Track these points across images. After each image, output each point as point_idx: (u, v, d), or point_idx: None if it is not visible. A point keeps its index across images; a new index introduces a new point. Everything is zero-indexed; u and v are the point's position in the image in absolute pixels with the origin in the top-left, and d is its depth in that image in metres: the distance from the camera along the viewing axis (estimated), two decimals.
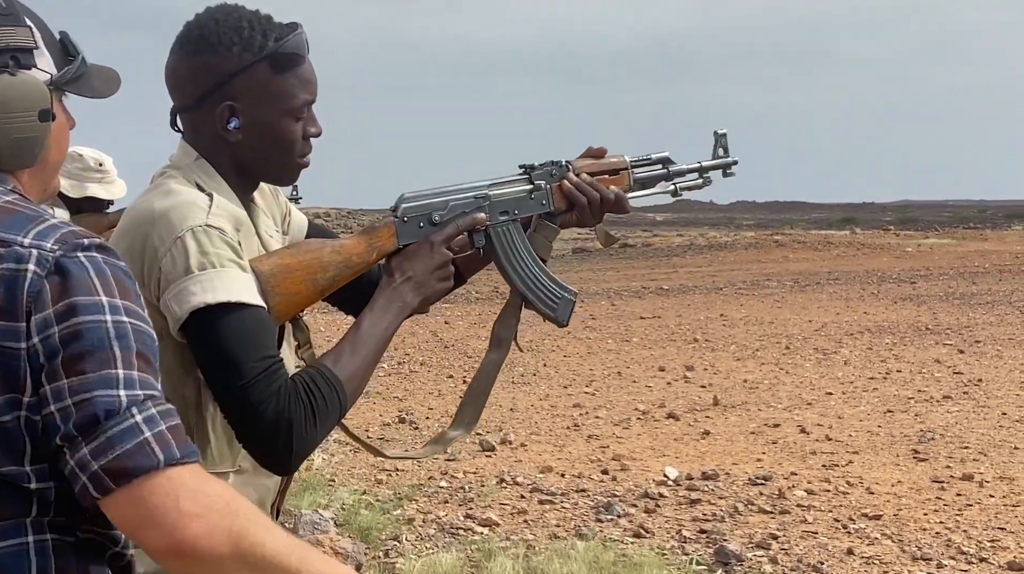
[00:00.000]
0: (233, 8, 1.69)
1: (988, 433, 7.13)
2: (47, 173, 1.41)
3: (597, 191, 1.91)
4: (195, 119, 1.69)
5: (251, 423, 1.54)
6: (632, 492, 5.84)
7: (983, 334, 11.68)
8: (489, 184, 1.87)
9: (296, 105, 1.69)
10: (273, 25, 1.68)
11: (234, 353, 1.53)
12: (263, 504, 1.74)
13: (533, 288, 1.89)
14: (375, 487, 5.92)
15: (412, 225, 1.79)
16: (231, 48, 1.64)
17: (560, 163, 1.92)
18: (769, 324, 12.83)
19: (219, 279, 1.55)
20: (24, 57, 1.34)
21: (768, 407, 8.09)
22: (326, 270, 1.72)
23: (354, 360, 1.66)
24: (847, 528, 5.23)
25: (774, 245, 26.23)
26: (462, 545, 4.91)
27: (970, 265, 21.13)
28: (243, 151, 1.69)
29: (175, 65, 1.69)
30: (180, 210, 1.58)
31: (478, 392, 1.93)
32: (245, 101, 1.66)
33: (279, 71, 1.67)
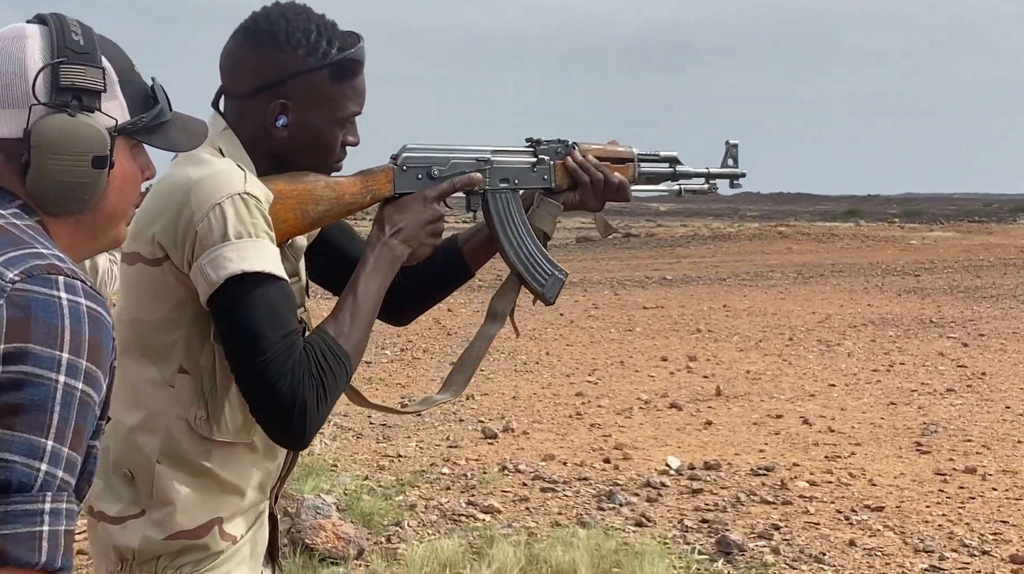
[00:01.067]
0: (303, 9, 1.71)
1: (991, 426, 7.12)
2: (100, 222, 1.32)
3: (602, 173, 1.91)
4: (244, 106, 1.70)
5: (266, 399, 1.56)
6: (634, 481, 5.83)
7: (987, 327, 11.66)
8: (493, 150, 1.87)
9: (345, 115, 1.72)
10: (338, 33, 1.70)
11: (259, 327, 1.54)
12: (263, 488, 1.75)
13: (524, 261, 1.89)
14: (377, 473, 5.92)
15: (410, 175, 1.79)
16: (297, 49, 1.66)
17: (567, 142, 1.92)
18: (772, 315, 12.82)
19: (255, 248, 1.56)
20: (88, 99, 1.27)
21: (771, 398, 8.08)
22: (318, 203, 1.71)
23: (356, 326, 1.67)
24: (849, 519, 5.22)
25: (778, 236, 26.19)
26: (464, 532, 4.91)
27: (975, 258, 21.10)
28: (284, 147, 1.70)
29: (237, 52, 1.70)
30: (217, 178, 1.59)
31: (468, 361, 1.94)
32: (298, 102, 1.68)
33: (336, 80, 1.69)
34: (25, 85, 1.25)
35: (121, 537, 1.64)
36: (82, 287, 1.18)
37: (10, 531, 1.10)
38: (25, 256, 1.18)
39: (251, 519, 1.74)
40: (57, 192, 1.26)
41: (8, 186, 1.26)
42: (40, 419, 1.12)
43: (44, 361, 1.13)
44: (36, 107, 1.25)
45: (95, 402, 1.18)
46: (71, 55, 1.27)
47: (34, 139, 1.24)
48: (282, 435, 1.60)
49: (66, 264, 1.20)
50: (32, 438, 1.11)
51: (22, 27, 1.29)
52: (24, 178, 1.26)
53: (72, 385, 1.14)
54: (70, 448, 1.14)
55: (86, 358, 1.15)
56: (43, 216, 1.28)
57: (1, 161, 1.26)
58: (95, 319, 1.18)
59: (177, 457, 1.64)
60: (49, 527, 1.12)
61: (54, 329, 1.14)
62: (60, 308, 1.15)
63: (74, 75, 1.26)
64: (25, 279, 1.15)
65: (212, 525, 1.66)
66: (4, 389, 1.11)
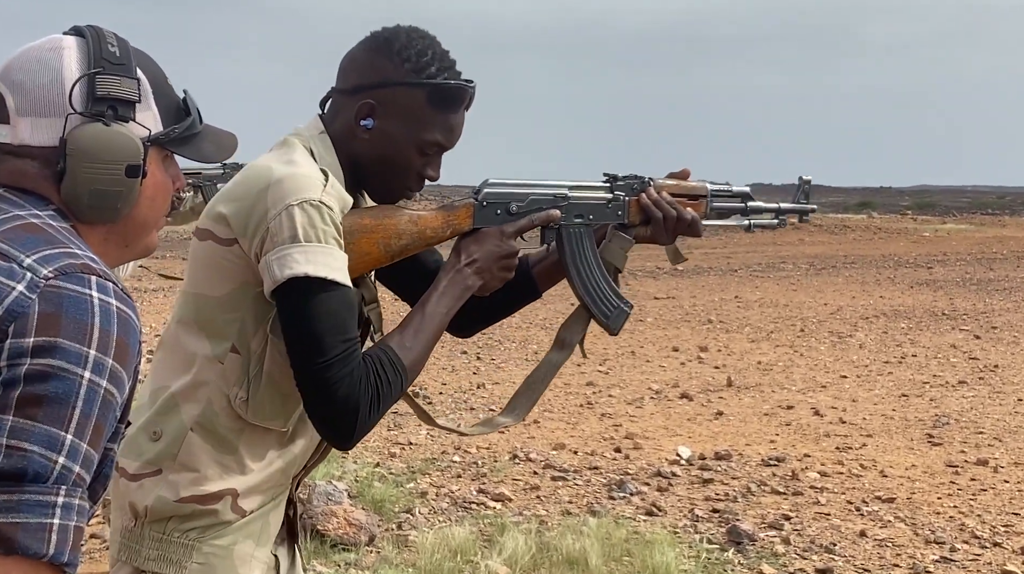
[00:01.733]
0: (429, 35, 1.77)
1: (1003, 419, 7.10)
2: (131, 231, 1.35)
3: (675, 209, 1.95)
4: (342, 102, 1.76)
5: (322, 400, 1.62)
6: (645, 470, 5.84)
7: (1000, 320, 11.62)
8: (571, 186, 1.91)
9: (427, 139, 1.75)
10: (451, 66, 1.76)
11: (320, 330, 1.60)
12: (286, 472, 1.79)
13: (592, 293, 1.93)
14: (389, 460, 5.94)
15: (490, 210, 1.84)
16: (404, 63, 1.73)
17: (643, 178, 1.96)
18: (784, 307, 12.79)
19: (323, 254, 1.61)
20: (123, 109, 1.30)
21: (782, 389, 8.07)
22: (400, 237, 1.77)
23: (418, 342, 1.73)
24: (860, 510, 5.22)
25: (790, 228, 26.10)
26: (475, 519, 4.93)
27: (988, 251, 21.02)
28: (361, 150, 1.75)
29: (355, 53, 1.78)
30: (298, 180, 1.64)
31: (534, 386, 1.99)
32: (387, 109, 1.73)
33: (432, 104, 1.74)
34: (62, 95, 1.28)
35: (136, 494, 1.70)
36: (114, 289, 1.20)
37: (21, 520, 1.10)
38: (60, 254, 1.20)
39: (267, 498, 1.78)
40: (91, 200, 1.28)
41: (43, 192, 1.29)
42: (62, 412, 1.13)
43: (72, 356, 1.14)
44: (72, 116, 1.28)
45: (117, 402, 1.19)
46: (107, 66, 1.29)
47: (70, 147, 1.27)
48: (331, 435, 1.67)
49: (99, 265, 1.22)
50: (52, 430, 1.12)
51: (60, 38, 1.32)
52: (59, 185, 1.28)
53: (97, 382, 1.15)
54: (89, 444, 1.15)
55: (112, 357, 1.17)
56: (76, 222, 1.30)
57: (37, 168, 1.28)
58: (124, 321, 1.19)
59: (211, 429, 1.69)
60: (60, 521, 1.13)
61: (84, 326, 1.16)
62: (91, 306, 1.17)
63: (110, 85, 1.29)
64: (59, 276, 1.17)
65: (224, 495, 1.71)
66: (30, 380, 1.12)
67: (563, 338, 1.99)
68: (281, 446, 1.75)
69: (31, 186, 1.28)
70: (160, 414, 1.71)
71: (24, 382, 1.12)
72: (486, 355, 9.35)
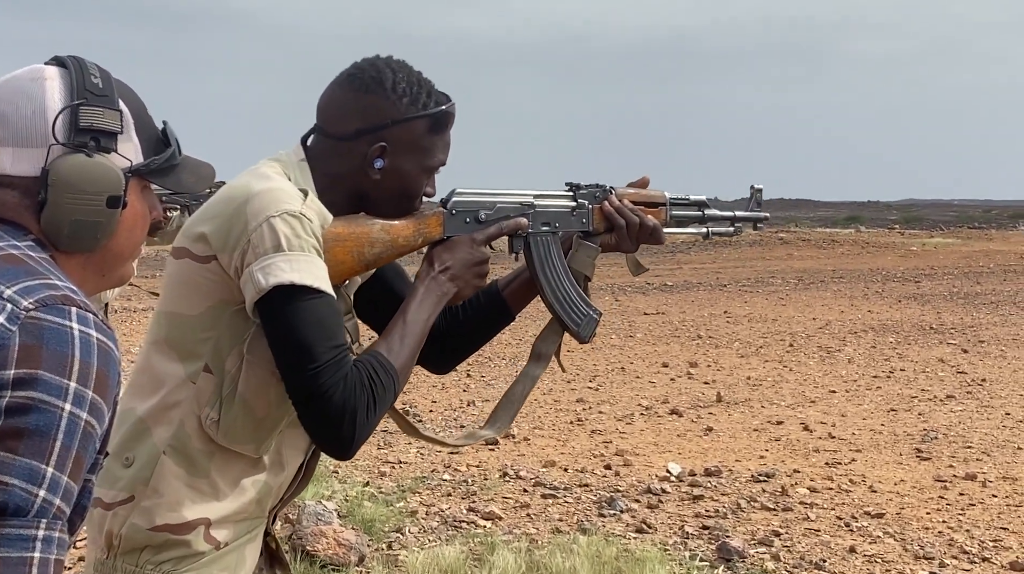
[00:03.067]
0: (405, 64, 1.81)
1: (991, 433, 7.13)
2: (109, 260, 1.36)
3: (637, 217, 1.98)
4: (342, 147, 1.78)
5: (317, 407, 1.62)
6: (635, 487, 5.84)
7: (987, 334, 11.67)
8: (536, 195, 1.95)
9: (434, 164, 1.82)
10: (435, 90, 1.81)
11: (309, 336, 1.61)
12: (261, 504, 1.78)
13: (561, 301, 1.95)
14: (378, 479, 5.93)
15: (459, 219, 1.88)
16: (402, 98, 1.76)
17: (604, 187, 2.00)
18: (773, 321, 12.83)
19: (307, 263, 1.63)
20: (106, 140, 1.30)
21: (771, 404, 8.09)
22: (373, 245, 1.79)
23: (404, 348, 1.75)
24: (849, 526, 5.23)
25: (779, 243, 26.20)
26: (465, 538, 4.92)
27: (975, 265, 21.11)
28: (372, 188, 1.78)
29: (341, 96, 1.79)
30: (276, 193, 1.66)
31: (512, 400, 2.00)
32: (396, 147, 1.77)
33: (432, 131, 1.79)
34: (45, 125, 1.28)
35: (110, 523, 1.69)
36: (94, 320, 1.21)
37: (3, 554, 1.10)
38: (40, 286, 1.20)
39: (241, 530, 1.76)
40: (71, 230, 1.29)
41: (22, 222, 1.29)
42: (43, 445, 1.13)
43: (52, 388, 1.14)
44: (55, 147, 1.28)
45: (97, 433, 1.19)
46: (90, 97, 1.30)
47: (52, 178, 1.27)
48: (330, 442, 1.66)
49: (79, 296, 1.22)
50: (33, 463, 1.12)
51: (42, 69, 1.33)
52: (38, 215, 1.28)
53: (77, 414, 1.15)
54: (69, 477, 1.15)
55: (93, 389, 1.17)
56: (55, 252, 1.30)
57: (17, 198, 1.29)
58: (104, 352, 1.20)
59: (183, 452, 1.69)
60: (41, 554, 1.12)
61: (64, 358, 1.16)
62: (72, 338, 1.17)
63: (93, 117, 1.30)
64: (39, 308, 1.17)
65: (197, 525, 1.69)
66: (11, 413, 1.12)
67: (539, 350, 2.01)
68: (254, 473, 1.74)
69: (10, 216, 1.29)
70: (131, 439, 1.70)
71: (5, 415, 1.12)
72: (476, 373, 9.35)
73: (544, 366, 2.01)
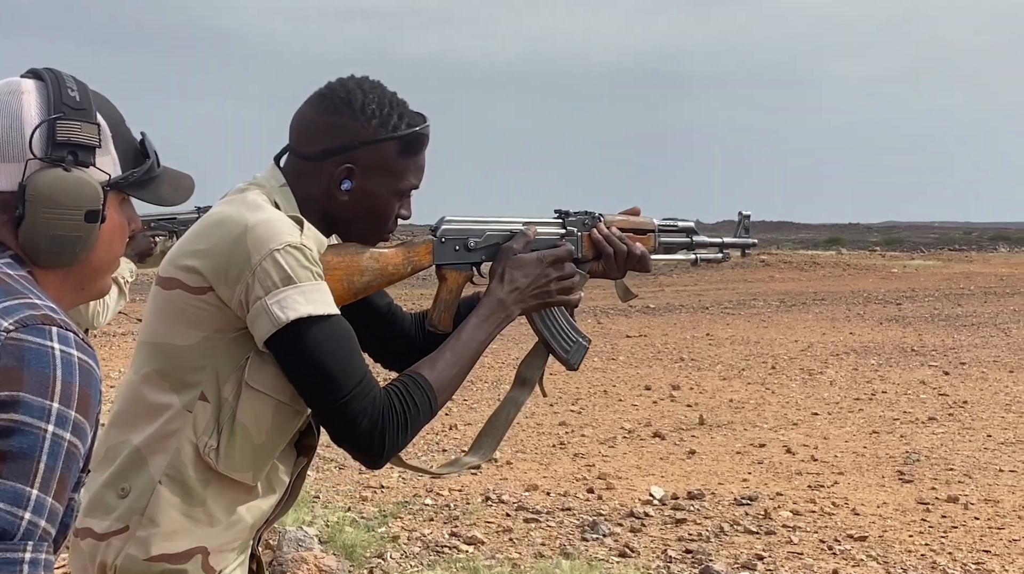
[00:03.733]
0: (378, 84, 1.79)
1: (973, 455, 7.14)
2: (87, 274, 1.34)
3: (625, 245, 1.99)
4: (309, 167, 1.76)
5: (350, 433, 1.66)
6: (618, 511, 5.82)
7: (968, 356, 11.71)
8: (524, 222, 1.95)
9: (404, 187, 1.79)
10: (408, 111, 1.79)
11: (333, 366, 1.63)
12: (252, 528, 1.77)
13: (551, 328, 1.96)
14: (360, 504, 5.89)
15: (448, 246, 1.88)
16: (371, 120, 1.74)
17: (593, 214, 2.00)
18: (755, 344, 12.85)
19: (318, 292, 1.64)
20: (84, 154, 1.29)
21: (754, 427, 8.09)
22: (363, 274, 1.79)
23: (452, 367, 1.77)
24: (832, 549, 5.22)
25: (760, 265, 26.30)
26: (447, 563, 4.89)
27: (955, 287, 21.23)
28: (341, 210, 1.77)
29: (311, 116, 1.77)
30: (275, 225, 1.65)
31: (496, 426, 1.99)
32: (364, 169, 1.75)
33: (403, 153, 1.77)
34: (22, 140, 1.27)
35: (104, 554, 1.66)
36: (75, 339, 1.20)
37: None
38: (20, 306, 1.19)
39: (235, 556, 1.75)
40: (50, 245, 1.28)
41: (0, 238, 1.28)
42: (27, 467, 1.12)
43: (35, 410, 1.13)
44: (32, 161, 1.27)
45: (81, 453, 1.18)
46: (68, 111, 1.29)
47: (29, 193, 1.26)
48: (363, 459, 1.71)
49: (59, 315, 1.21)
50: (18, 486, 1.12)
51: (18, 82, 1.31)
52: (16, 231, 1.27)
53: (60, 435, 1.15)
54: (54, 498, 1.15)
55: (75, 409, 1.16)
56: (33, 267, 1.29)
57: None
58: (86, 371, 1.19)
59: (179, 480, 1.67)
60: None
61: (46, 379, 1.15)
62: (53, 358, 1.16)
63: (70, 131, 1.28)
64: (20, 328, 1.17)
65: (195, 553, 1.67)
66: None
67: (524, 375, 2.01)
68: (248, 500, 1.72)
69: None
70: (126, 469, 1.68)
71: None
72: (458, 396, 9.32)
73: (529, 391, 2.00)
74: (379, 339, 2.00)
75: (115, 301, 3.96)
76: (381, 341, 2.00)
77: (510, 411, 1.99)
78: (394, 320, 2.01)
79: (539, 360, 2.00)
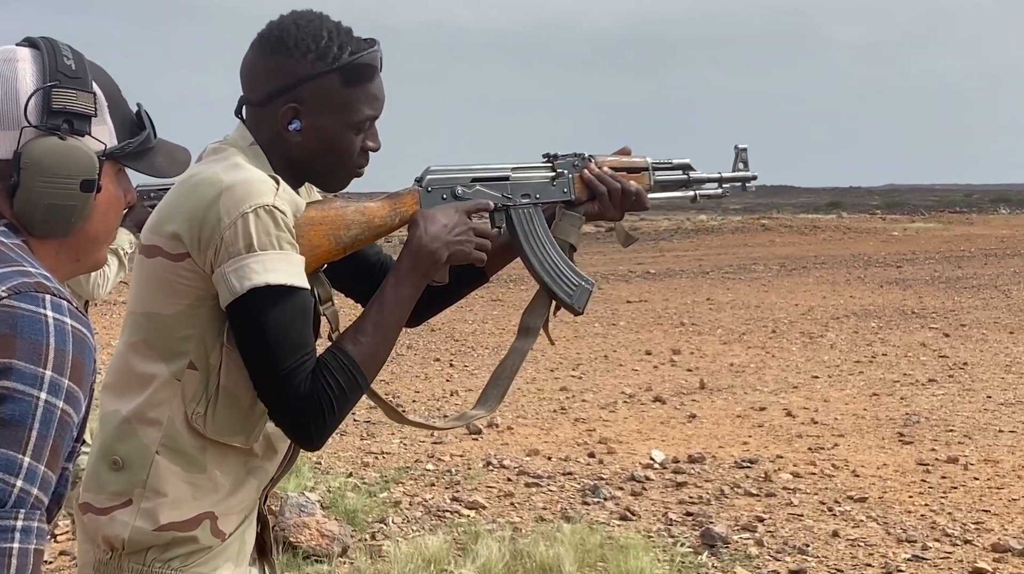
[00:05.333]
0: (316, 16, 1.72)
1: (973, 416, 7.16)
2: (83, 245, 1.33)
3: (619, 183, 1.94)
4: (259, 114, 1.72)
5: (281, 409, 1.63)
6: (619, 475, 5.84)
7: (968, 318, 11.72)
8: (513, 167, 1.91)
9: (358, 119, 1.72)
10: (351, 39, 1.71)
11: (275, 342, 1.59)
12: (258, 489, 1.77)
13: (550, 272, 1.91)
14: (361, 470, 5.91)
15: (435, 196, 1.83)
16: (306, 55, 1.68)
17: (583, 155, 1.95)
18: (755, 308, 12.85)
19: (279, 260, 1.60)
20: (79, 123, 1.28)
21: (754, 391, 8.10)
22: (349, 228, 1.75)
23: (376, 336, 1.70)
24: (832, 511, 5.24)
25: (761, 229, 26.27)
26: (448, 528, 4.91)
27: (956, 249, 21.21)
28: (298, 152, 1.72)
29: (251, 60, 1.72)
30: (249, 186, 1.61)
31: (502, 377, 1.96)
32: (309, 107, 1.69)
33: (348, 84, 1.70)
34: (17, 108, 1.26)
35: (110, 528, 1.65)
36: (68, 307, 1.19)
37: None
38: (12, 273, 1.18)
39: (241, 517, 1.75)
40: (45, 214, 1.27)
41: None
42: (19, 435, 1.12)
43: (27, 377, 1.13)
44: (27, 130, 1.25)
45: (74, 422, 1.18)
46: (63, 79, 1.28)
47: (24, 161, 1.25)
48: (296, 439, 1.68)
49: (52, 283, 1.20)
50: (9, 454, 1.11)
51: (13, 50, 1.30)
52: (11, 199, 1.26)
53: (53, 403, 1.14)
54: (46, 466, 1.14)
55: (68, 377, 1.16)
56: (28, 237, 1.28)
57: None
58: (79, 339, 1.18)
59: (176, 449, 1.66)
60: (20, 545, 1.11)
61: (39, 346, 1.14)
62: (46, 326, 1.16)
63: (66, 99, 1.27)
64: (12, 295, 1.16)
65: (203, 519, 1.67)
66: None
67: (527, 324, 1.96)
68: (250, 462, 1.72)
69: None
70: (116, 441, 1.67)
71: None
72: (459, 362, 9.34)
73: (533, 340, 1.96)
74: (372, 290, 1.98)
75: (115, 273, 3.95)
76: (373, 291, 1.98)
77: (515, 361, 1.95)
78: (385, 271, 1.97)
79: (542, 307, 1.95)
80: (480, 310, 12.66)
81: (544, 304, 1.95)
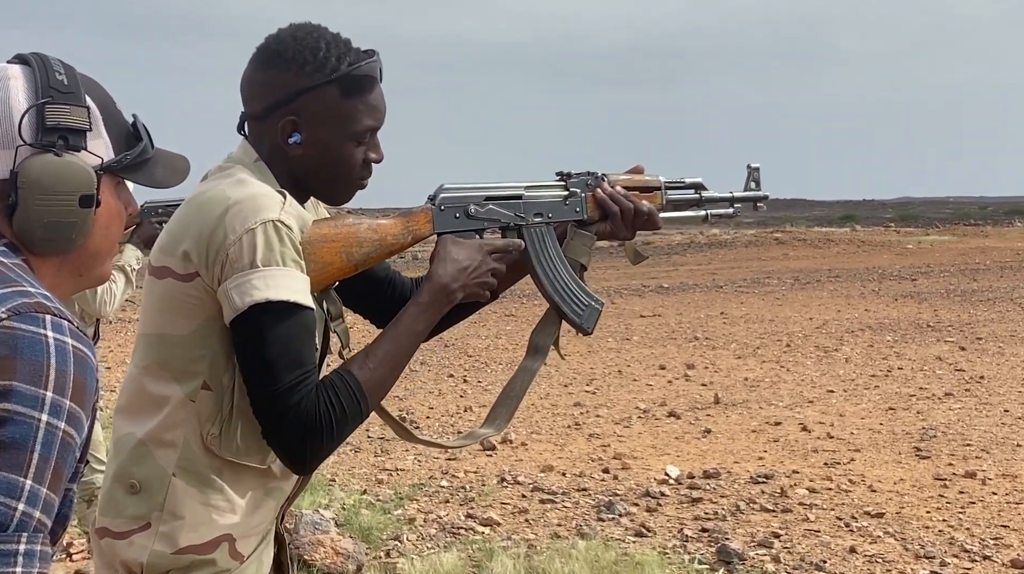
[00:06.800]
0: (314, 28, 1.71)
1: (990, 430, 7.11)
2: (85, 260, 1.33)
3: (631, 203, 1.94)
4: (260, 128, 1.71)
5: (274, 428, 1.60)
6: (633, 491, 5.82)
7: (984, 331, 11.66)
8: (526, 186, 1.90)
9: (359, 130, 1.71)
10: (349, 50, 1.71)
11: (274, 358, 1.57)
12: (275, 509, 1.77)
13: (560, 292, 1.91)
14: (376, 487, 5.90)
15: (448, 214, 1.82)
16: (303, 67, 1.67)
17: (596, 174, 1.95)
18: (770, 322, 12.81)
19: (283, 277, 1.58)
20: (75, 138, 1.27)
21: (769, 405, 8.07)
22: (361, 245, 1.73)
23: (387, 362, 1.68)
24: (849, 526, 5.21)
25: (774, 243, 26.20)
26: (463, 545, 4.89)
27: (971, 262, 21.11)
28: (300, 166, 1.71)
29: (250, 74, 1.72)
30: (255, 201, 1.60)
31: (511, 396, 1.95)
32: (308, 119, 1.69)
33: (347, 95, 1.69)
34: (11, 126, 1.25)
35: (128, 552, 1.64)
36: (68, 327, 1.18)
37: None
38: (12, 294, 1.17)
39: (259, 539, 1.74)
40: (44, 232, 1.26)
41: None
42: (20, 458, 1.11)
43: (28, 399, 1.12)
44: (22, 148, 1.25)
45: (76, 443, 1.17)
46: (56, 95, 1.27)
47: (21, 180, 1.24)
48: (286, 460, 1.64)
49: (53, 303, 1.20)
50: (11, 477, 1.10)
51: (4, 67, 1.29)
52: (10, 219, 1.26)
53: (54, 425, 1.13)
54: (48, 489, 1.13)
55: (70, 398, 1.14)
56: (28, 255, 1.28)
57: None
58: (81, 359, 1.17)
59: (193, 471, 1.64)
60: (23, 569, 1.10)
61: (40, 367, 1.13)
62: (46, 346, 1.15)
63: (60, 115, 1.26)
64: (12, 317, 1.15)
65: (221, 541, 1.66)
66: None
67: (536, 343, 1.96)
68: (267, 482, 1.71)
69: None
70: (133, 464, 1.66)
71: None
72: (473, 378, 9.33)
73: (542, 359, 1.95)
74: (379, 306, 1.96)
75: (122, 289, 3.95)
76: (381, 307, 1.96)
77: (524, 380, 1.94)
78: (394, 286, 1.98)
79: (551, 327, 1.95)
80: (493, 325, 12.66)
81: (554, 323, 1.95)
